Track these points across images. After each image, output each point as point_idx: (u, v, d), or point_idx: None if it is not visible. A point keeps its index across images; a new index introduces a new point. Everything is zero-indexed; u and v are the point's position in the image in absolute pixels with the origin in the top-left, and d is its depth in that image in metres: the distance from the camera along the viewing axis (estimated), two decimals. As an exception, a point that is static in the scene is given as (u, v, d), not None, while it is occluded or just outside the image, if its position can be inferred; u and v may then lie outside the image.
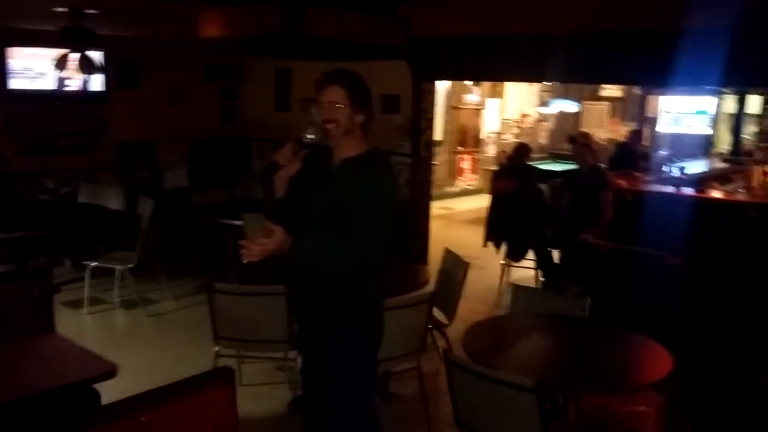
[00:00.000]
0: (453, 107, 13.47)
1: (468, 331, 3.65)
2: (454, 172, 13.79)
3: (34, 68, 7.54)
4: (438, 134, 11.40)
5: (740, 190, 8.82)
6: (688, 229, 6.03)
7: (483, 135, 14.30)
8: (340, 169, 2.99)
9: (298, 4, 3.77)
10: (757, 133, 14.21)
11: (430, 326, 4.43)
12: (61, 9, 5.57)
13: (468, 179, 14.12)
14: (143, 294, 6.72)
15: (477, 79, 12.60)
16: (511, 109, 14.95)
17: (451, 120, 13.45)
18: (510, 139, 14.72)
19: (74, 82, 7.78)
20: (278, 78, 9.37)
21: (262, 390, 4.93)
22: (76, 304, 6.63)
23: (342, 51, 4.39)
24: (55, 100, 7.87)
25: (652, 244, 5.96)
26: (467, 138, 13.89)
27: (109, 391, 3.19)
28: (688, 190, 6.79)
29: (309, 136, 2.92)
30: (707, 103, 12.92)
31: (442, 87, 12.43)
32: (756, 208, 6.18)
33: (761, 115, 14.12)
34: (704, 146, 14.67)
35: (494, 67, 7.39)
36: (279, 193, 2.98)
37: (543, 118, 15.74)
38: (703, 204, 6.50)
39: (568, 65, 6.68)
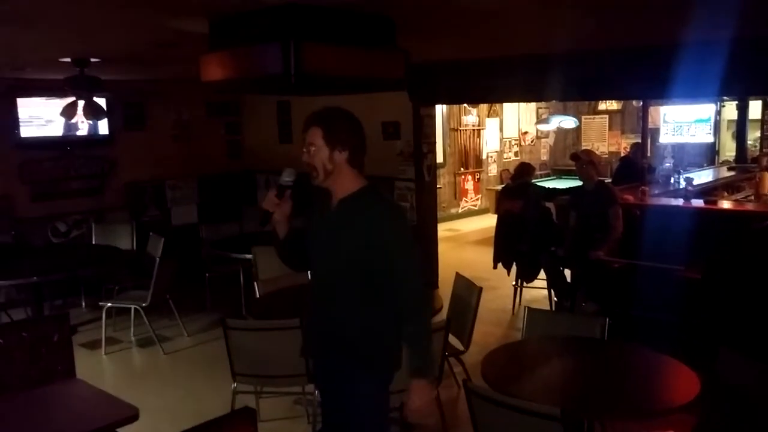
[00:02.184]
0: (452, 129, 13.55)
1: (486, 359, 3.64)
2: (458, 193, 13.84)
3: (43, 116, 7.69)
4: (439, 157, 11.47)
5: (750, 199, 8.75)
6: (701, 241, 5.98)
7: (484, 155, 14.37)
8: (340, 210, 2.96)
9: (299, 43, 3.79)
10: (760, 139, 14.14)
11: (446, 354, 4.44)
12: (65, 59, 5.68)
13: (472, 200, 14.16)
14: (158, 332, 6.75)
15: (476, 102, 12.70)
16: (510, 128, 15.04)
17: (451, 142, 13.53)
18: (511, 157, 14.81)
19: (82, 126, 7.90)
20: (279, 111, 9.46)
21: (282, 425, 4.93)
22: (93, 345, 6.68)
23: (343, 86, 4.44)
24: (65, 145, 7.99)
25: (663, 258, 5.92)
26: (468, 159, 13.95)
27: (132, 434, 3.24)
28: (698, 202, 6.75)
29: (286, 179, 2.99)
30: (707, 110, 12.91)
31: (440, 109, 12.52)
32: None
33: (762, 120, 14.05)
34: (708, 154, 14.62)
35: (493, 89, 7.45)
36: (282, 234, 3.09)
37: (542, 134, 15.81)
38: (714, 215, 6.43)
39: (566, 84, 6.72)
